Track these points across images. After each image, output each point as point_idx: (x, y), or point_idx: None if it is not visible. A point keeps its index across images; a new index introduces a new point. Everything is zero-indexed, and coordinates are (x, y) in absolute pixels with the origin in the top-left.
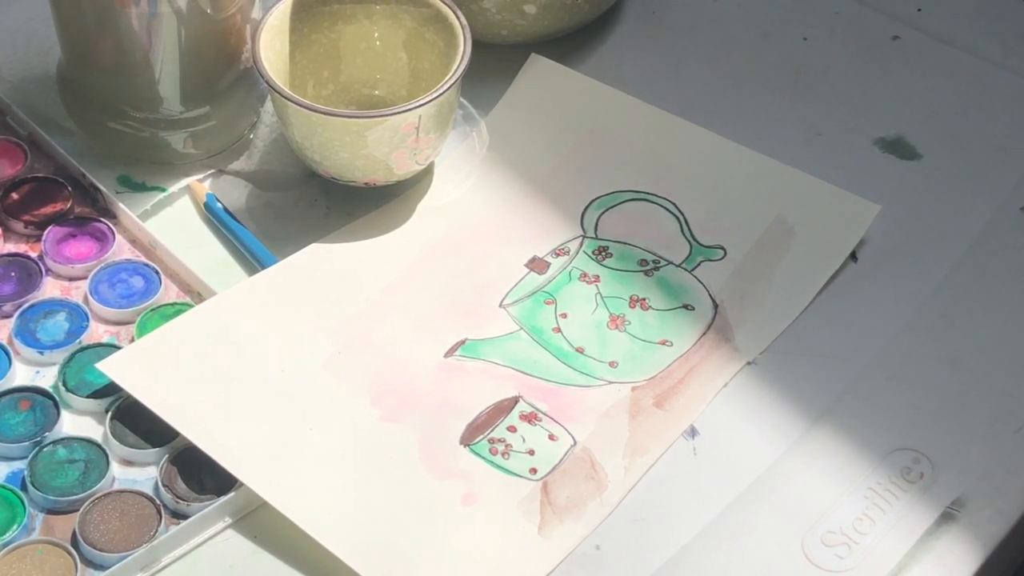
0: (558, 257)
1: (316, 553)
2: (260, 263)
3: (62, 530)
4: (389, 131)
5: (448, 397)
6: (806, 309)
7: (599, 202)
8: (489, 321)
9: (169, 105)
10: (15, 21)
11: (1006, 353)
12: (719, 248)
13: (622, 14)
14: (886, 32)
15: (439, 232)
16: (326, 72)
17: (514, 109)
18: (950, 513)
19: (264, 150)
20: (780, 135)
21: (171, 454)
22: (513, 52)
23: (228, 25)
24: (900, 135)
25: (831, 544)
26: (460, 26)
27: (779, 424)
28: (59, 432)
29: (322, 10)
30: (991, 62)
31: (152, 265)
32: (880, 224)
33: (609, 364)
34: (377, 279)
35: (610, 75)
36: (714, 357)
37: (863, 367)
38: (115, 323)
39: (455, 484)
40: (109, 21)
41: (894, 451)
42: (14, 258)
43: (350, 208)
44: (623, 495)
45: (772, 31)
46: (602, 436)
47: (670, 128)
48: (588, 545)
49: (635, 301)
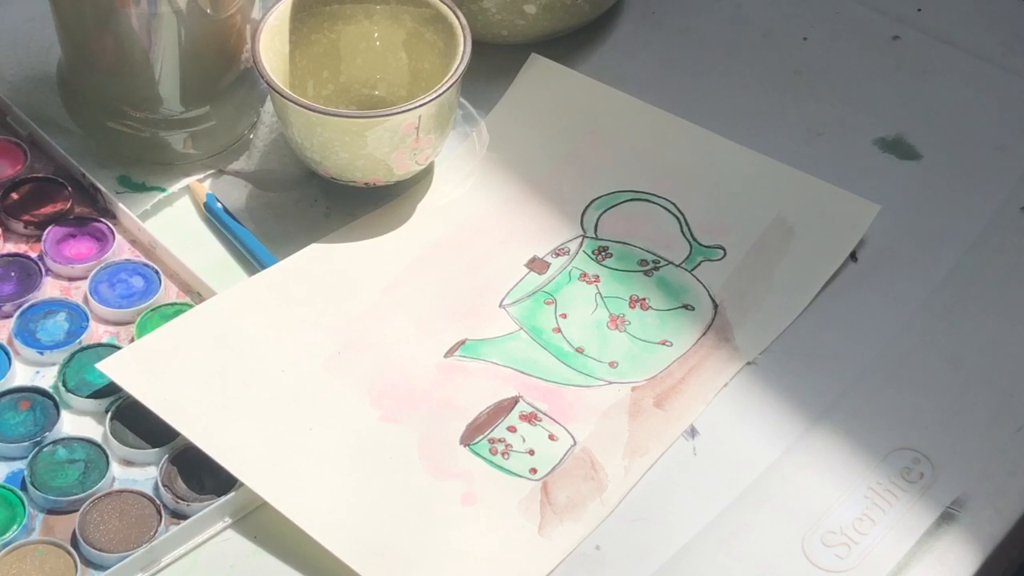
0: (558, 257)
1: (316, 553)
2: (260, 263)
3: (62, 530)
4: (389, 131)
5: (448, 397)
6: (806, 309)
7: (599, 202)
8: (489, 321)
9: (169, 105)
10: (15, 21)
11: (1006, 353)
12: (719, 248)
13: (622, 14)
14: (886, 32)
15: (439, 232)
16: (326, 72)
17: (514, 109)
18: (950, 513)
19: (264, 150)
20: (780, 135)
21: (171, 454)
22: (513, 52)
23: (228, 25)
24: (900, 135)
25: (831, 544)
26: (460, 26)
27: (779, 424)
28: (59, 432)
29: (322, 10)
30: (991, 62)
31: (152, 265)
32: (880, 224)
33: (609, 364)
34: (377, 279)
35: (610, 75)
36: (714, 357)
37: (863, 367)
38: (115, 323)
39: (455, 484)
40: (109, 21)
41: (894, 451)
42: (14, 258)
43: (350, 208)
44: (623, 495)
45: (772, 31)
46: (602, 436)
47: (670, 128)
48: (588, 545)
49: (635, 301)
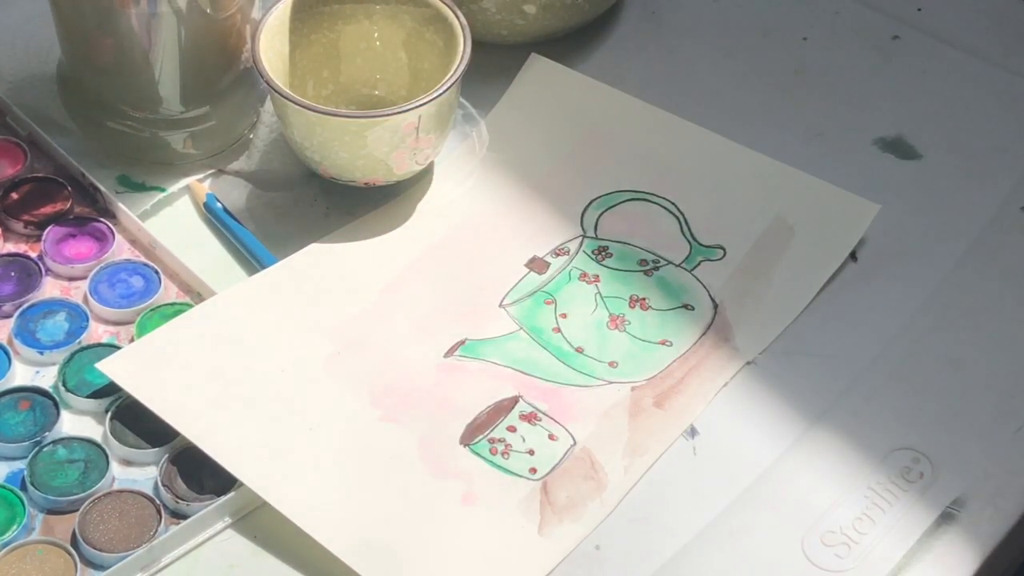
0: (558, 257)
1: (316, 553)
2: (260, 263)
3: (62, 530)
4: (389, 131)
5: (448, 397)
6: (806, 309)
7: (599, 202)
8: (489, 321)
9: (169, 105)
10: (15, 21)
11: (1006, 353)
12: (719, 248)
13: (622, 14)
14: (886, 32)
15: (439, 232)
16: (326, 72)
17: (514, 109)
18: (950, 513)
19: (264, 150)
20: (780, 135)
21: (171, 454)
22: (513, 52)
23: (228, 25)
24: (900, 135)
25: (831, 544)
26: (460, 26)
27: (779, 424)
28: (59, 432)
29: (322, 10)
30: (991, 62)
31: (152, 265)
32: (880, 224)
33: (609, 364)
34: (377, 279)
35: (610, 75)
36: (714, 357)
37: (863, 367)
38: (115, 323)
39: (455, 484)
40: (109, 21)
41: (894, 451)
42: (14, 258)
43: (350, 208)
44: (623, 495)
45: (772, 31)
46: (602, 436)
47: (670, 128)
48: (588, 545)
49: (635, 301)
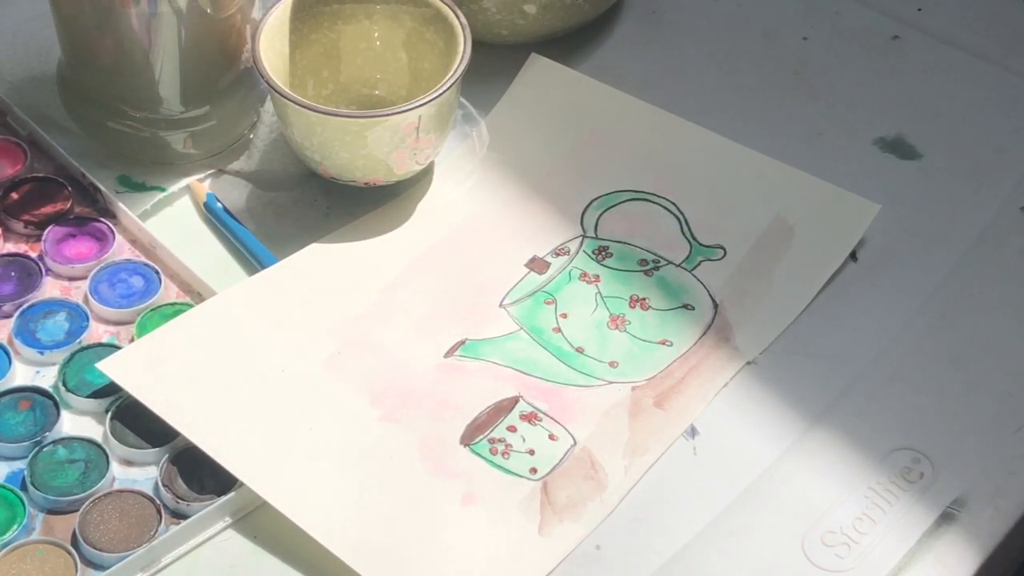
0: (558, 257)
1: (316, 553)
2: (260, 263)
3: (62, 530)
4: (389, 131)
5: (448, 397)
6: (806, 309)
7: (599, 202)
8: (489, 321)
9: (169, 105)
10: (15, 21)
11: (1006, 353)
12: (719, 248)
13: (622, 14)
14: (886, 32)
15: (439, 232)
16: (326, 72)
17: (514, 109)
18: (950, 513)
19: (264, 150)
20: (780, 135)
21: (171, 454)
22: (513, 52)
23: (228, 25)
24: (900, 135)
25: (831, 544)
26: (460, 26)
27: (779, 424)
28: (59, 432)
29: (322, 10)
30: (991, 62)
31: (152, 265)
32: (880, 224)
33: (609, 364)
34: (377, 279)
35: (610, 75)
36: (714, 357)
37: (863, 367)
38: (115, 323)
39: (455, 484)
40: (109, 21)
41: (894, 451)
42: (14, 258)
43: (350, 208)
44: (623, 495)
45: (772, 31)
46: (602, 436)
47: (670, 128)
48: (588, 545)
49: (635, 301)
